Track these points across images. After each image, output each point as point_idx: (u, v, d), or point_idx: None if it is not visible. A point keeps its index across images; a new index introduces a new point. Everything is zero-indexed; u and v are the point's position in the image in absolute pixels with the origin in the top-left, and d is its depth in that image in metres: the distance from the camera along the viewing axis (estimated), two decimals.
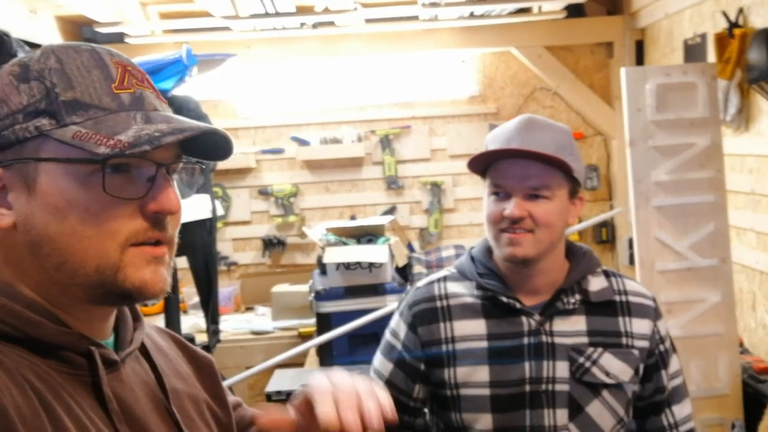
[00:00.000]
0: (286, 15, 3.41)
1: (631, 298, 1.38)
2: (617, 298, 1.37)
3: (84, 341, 0.72)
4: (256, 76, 3.93)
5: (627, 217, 3.04)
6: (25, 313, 0.69)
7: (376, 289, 2.80)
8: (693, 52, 3.07)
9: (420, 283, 1.47)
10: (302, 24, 3.63)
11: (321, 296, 2.81)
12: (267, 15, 3.38)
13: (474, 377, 1.33)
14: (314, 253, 3.91)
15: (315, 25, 3.67)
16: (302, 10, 3.44)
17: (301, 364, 2.93)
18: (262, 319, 3.61)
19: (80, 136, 0.69)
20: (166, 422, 0.78)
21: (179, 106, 2.41)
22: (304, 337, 3.21)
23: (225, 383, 2.59)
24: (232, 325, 3.49)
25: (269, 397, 2.57)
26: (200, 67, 2.36)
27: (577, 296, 1.34)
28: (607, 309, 1.36)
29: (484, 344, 1.33)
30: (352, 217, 3.95)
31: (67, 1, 3.03)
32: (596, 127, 4.00)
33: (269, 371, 2.72)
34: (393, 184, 4.04)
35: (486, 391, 1.32)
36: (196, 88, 2.59)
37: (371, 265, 2.79)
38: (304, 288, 3.37)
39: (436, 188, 4.03)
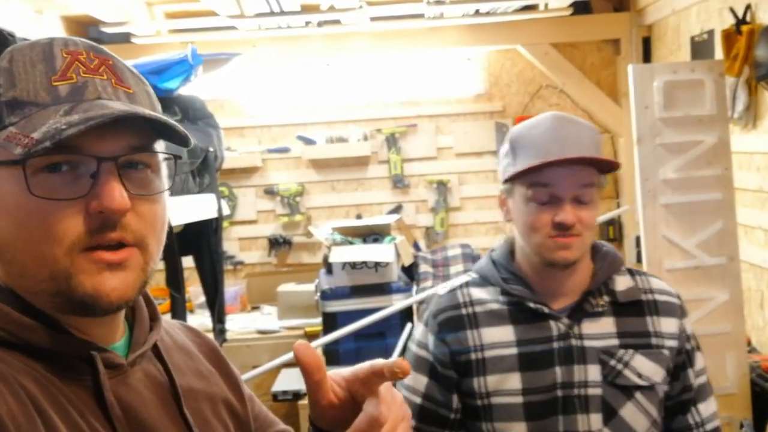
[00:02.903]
0: (291, 14, 3.41)
1: (658, 297, 1.36)
2: (644, 297, 1.35)
3: (85, 346, 0.70)
4: (261, 75, 3.93)
5: (634, 215, 3.03)
6: (22, 320, 0.68)
7: (382, 289, 2.80)
8: (700, 48, 3.06)
9: (441, 291, 1.43)
10: (307, 23, 3.63)
11: (327, 295, 2.81)
12: (272, 14, 3.38)
13: (505, 385, 1.30)
14: (320, 252, 3.91)
15: (320, 24, 3.67)
16: (307, 9, 3.44)
17: None
18: (268, 318, 3.61)
19: (9, 137, 0.65)
20: (177, 425, 0.76)
21: (185, 105, 2.41)
22: (311, 337, 3.20)
23: None
24: (238, 324, 3.49)
25: (275, 397, 2.57)
26: (206, 66, 2.36)
27: (606, 298, 1.32)
28: (634, 309, 1.33)
29: (513, 351, 1.31)
30: (358, 216, 3.95)
31: (72, 1, 3.03)
32: (603, 125, 3.98)
33: (275, 371, 2.72)
34: (399, 182, 4.03)
35: (519, 399, 1.29)
36: (201, 88, 2.59)
37: (377, 264, 2.78)
38: (310, 287, 3.36)
39: (442, 187, 4.03)
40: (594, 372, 1.28)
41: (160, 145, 0.74)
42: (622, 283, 1.35)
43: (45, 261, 0.67)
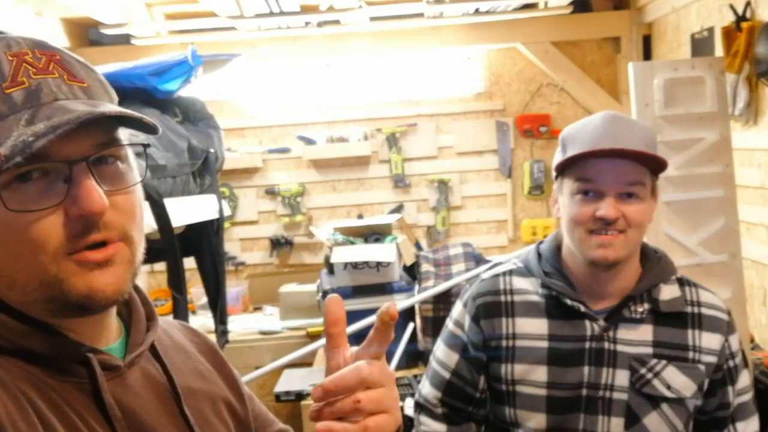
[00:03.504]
0: (291, 14, 3.41)
1: (704, 311, 1.33)
2: (689, 309, 1.32)
3: (81, 349, 0.70)
4: (261, 75, 3.93)
5: None
6: (16, 325, 0.68)
7: (384, 288, 2.80)
8: (700, 46, 3.05)
9: (485, 275, 1.45)
10: (307, 23, 3.63)
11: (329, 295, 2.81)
12: (272, 14, 3.38)
13: (531, 376, 1.32)
14: (322, 252, 3.90)
15: (320, 24, 3.67)
16: (307, 9, 3.44)
17: (309, 364, 2.93)
18: (270, 319, 3.61)
19: None
20: (177, 425, 0.76)
21: (185, 106, 2.40)
22: (313, 337, 3.21)
23: None
24: (240, 325, 3.49)
25: (278, 397, 2.57)
26: (206, 67, 2.35)
27: (646, 305, 1.30)
28: (676, 320, 1.31)
29: (544, 344, 1.32)
30: (359, 216, 3.95)
31: (73, 2, 3.03)
32: None
33: (278, 371, 2.72)
34: (400, 182, 4.03)
35: (543, 391, 1.31)
36: (202, 89, 2.59)
37: (379, 264, 2.78)
38: (311, 287, 3.36)
39: (443, 186, 4.02)
40: (622, 377, 1.28)
41: (124, 133, 0.73)
42: (667, 292, 1.33)
43: (32, 271, 0.66)
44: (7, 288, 0.68)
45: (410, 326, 2.66)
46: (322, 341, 2.91)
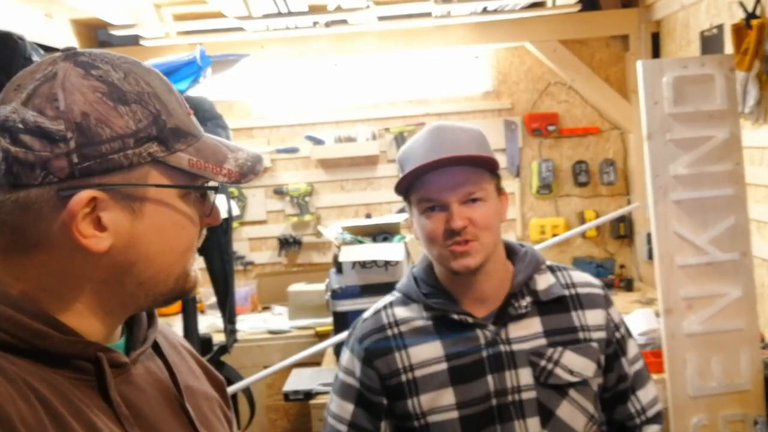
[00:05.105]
0: (298, 14, 3.41)
1: (580, 290, 1.36)
2: (566, 292, 1.35)
3: (91, 348, 0.72)
4: (270, 75, 3.94)
5: (645, 212, 3.01)
6: (31, 325, 0.68)
7: (392, 287, 2.79)
8: (710, 43, 3.04)
9: (365, 314, 1.42)
10: (315, 23, 3.63)
11: (337, 295, 2.81)
12: (280, 15, 3.39)
13: (440, 402, 1.29)
14: (330, 251, 3.91)
15: (328, 24, 3.67)
16: (315, 9, 3.44)
17: (318, 363, 2.93)
18: (278, 318, 3.62)
19: (195, 164, 0.73)
20: (179, 420, 0.78)
21: (194, 107, 2.41)
22: (321, 336, 3.21)
23: (242, 383, 2.57)
24: (249, 324, 3.50)
25: (287, 396, 2.58)
26: (214, 67, 2.36)
27: (528, 298, 1.32)
28: (559, 306, 1.33)
29: (443, 366, 1.29)
30: (368, 216, 3.94)
31: (82, 4, 3.05)
32: (613, 122, 3.97)
33: (286, 370, 2.73)
34: None
35: (454, 414, 1.28)
36: (210, 89, 2.60)
37: (387, 263, 2.78)
38: (320, 287, 3.36)
39: None
40: (525, 375, 1.28)
41: None
42: (543, 281, 1.34)
43: (179, 266, 0.77)
44: (138, 284, 0.74)
45: None
46: (331, 340, 2.92)
